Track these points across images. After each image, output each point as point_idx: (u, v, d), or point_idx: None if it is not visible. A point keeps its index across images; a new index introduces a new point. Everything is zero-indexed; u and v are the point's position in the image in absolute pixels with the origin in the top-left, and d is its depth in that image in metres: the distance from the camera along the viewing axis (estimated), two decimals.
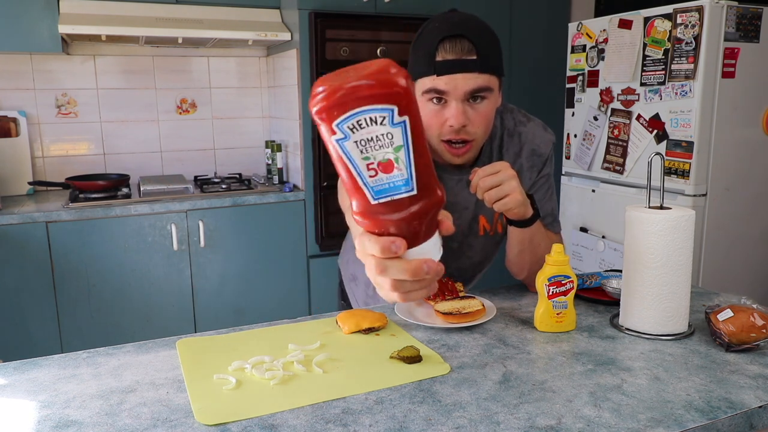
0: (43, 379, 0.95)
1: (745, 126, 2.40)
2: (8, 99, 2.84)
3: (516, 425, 0.80)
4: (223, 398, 0.88)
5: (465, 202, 1.28)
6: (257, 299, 2.83)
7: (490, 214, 1.32)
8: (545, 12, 3.38)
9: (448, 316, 1.13)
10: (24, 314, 2.43)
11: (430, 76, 1.10)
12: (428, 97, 1.12)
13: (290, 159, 3.00)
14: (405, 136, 0.55)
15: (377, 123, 0.54)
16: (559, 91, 3.08)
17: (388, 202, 0.58)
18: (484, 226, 1.33)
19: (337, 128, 0.55)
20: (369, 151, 0.56)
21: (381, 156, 0.56)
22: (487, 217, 1.32)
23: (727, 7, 2.24)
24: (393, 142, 0.55)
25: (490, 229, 1.33)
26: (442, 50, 1.09)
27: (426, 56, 1.10)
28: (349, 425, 0.80)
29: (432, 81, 1.10)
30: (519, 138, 1.31)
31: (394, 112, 0.54)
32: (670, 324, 1.08)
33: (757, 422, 0.84)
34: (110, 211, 2.51)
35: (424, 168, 0.58)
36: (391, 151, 0.56)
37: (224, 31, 2.73)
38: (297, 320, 1.20)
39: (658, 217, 1.04)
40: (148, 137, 3.12)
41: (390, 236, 0.60)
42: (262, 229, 2.79)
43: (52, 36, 2.54)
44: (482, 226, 1.33)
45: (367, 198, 0.58)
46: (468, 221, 1.31)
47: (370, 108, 0.54)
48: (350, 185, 0.58)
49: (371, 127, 0.55)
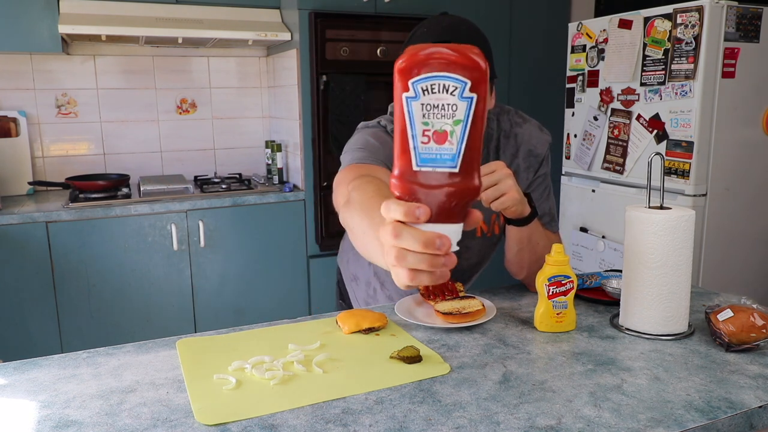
0: (43, 379, 0.95)
1: (745, 126, 2.40)
2: (8, 99, 2.84)
3: (516, 425, 0.80)
4: (223, 398, 0.88)
5: None
6: (257, 299, 2.83)
7: (488, 216, 1.33)
8: (545, 12, 3.38)
9: (448, 316, 1.13)
10: (24, 314, 2.43)
11: None
12: None
13: (290, 159, 3.00)
14: (468, 112, 0.58)
15: (447, 91, 0.57)
16: (559, 91, 3.08)
17: (428, 171, 0.59)
18: (481, 228, 1.34)
19: (411, 86, 0.58)
20: (430, 117, 0.58)
21: (439, 125, 0.58)
22: (484, 219, 1.33)
23: (727, 7, 2.24)
24: (455, 115, 0.58)
25: (487, 230, 1.35)
26: None
27: None
28: (349, 425, 0.80)
29: None
30: (515, 139, 1.32)
31: (466, 86, 0.57)
32: (670, 324, 1.08)
33: (757, 422, 0.84)
34: (110, 211, 2.51)
35: (472, 151, 0.59)
36: (450, 123, 0.58)
37: (224, 31, 2.73)
38: (297, 320, 1.20)
39: (658, 217, 1.04)
40: (148, 137, 3.12)
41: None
42: (262, 229, 2.79)
43: (52, 36, 2.54)
44: (479, 227, 1.33)
45: (411, 162, 0.59)
46: None
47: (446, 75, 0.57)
48: (399, 146, 0.60)
49: (441, 95, 0.57)
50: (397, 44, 2.86)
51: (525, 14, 3.32)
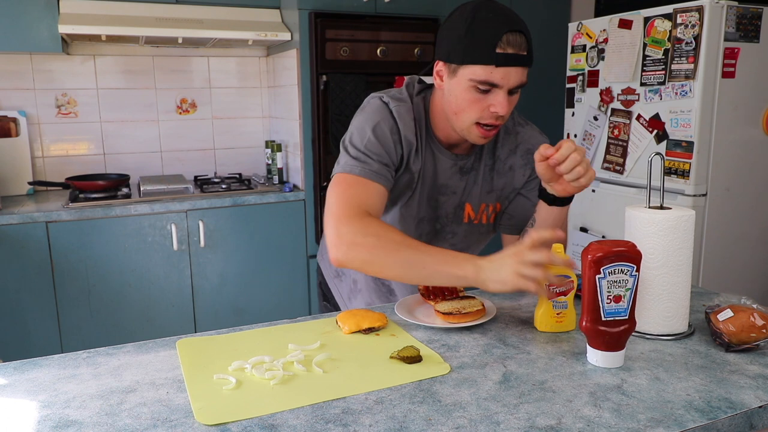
0: (43, 379, 0.95)
1: (745, 126, 2.40)
2: (8, 99, 2.84)
3: (516, 425, 0.80)
4: (223, 398, 0.88)
5: (454, 187, 1.34)
6: (257, 299, 2.83)
7: (477, 203, 1.36)
8: (545, 12, 3.38)
9: (448, 316, 1.13)
10: (24, 314, 2.43)
11: (485, 66, 1.12)
12: (474, 84, 1.14)
13: (290, 159, 3.00)
14: (634, 283, 0.95)
15: (623, 273, 0.95)
16: (559, 91, 3.08)
17: (610, 320, 0.96)
18: (468, 214, 1.37)
19: (603, 270, 0.94)
20: (611, 288, 0.95)
21: (616, 292, 0.95)
22: (473, 206, 1.36)
23: (727, 7, 2.24)
24: (626, 286, 0.95)
25: (474, 217, 1.37)
26: (505, 43, 1.11)
27: (486, 45, 1.12)
28: (349, 425, 0.80)
29: (488, 72, 1.12)
30: (516, 137, 1.36)
31: (633, 268, 0.95)
32: (670, 324, 1.08)
33: (757, 422, 0.84)
34: (110, 211, 2.51)
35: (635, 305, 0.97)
36: (623, 291, 0.95)
37: (224, 31, 2.74)
38: (297, 320, 1.20)
39: (658, 217, 1.04)
40: (148, 137, 3.12)
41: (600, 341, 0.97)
42: (262, 229, 2.79)
43: (52, 36, 2.54)
44: (467, 213, 1.37)
45: (600, 315, 0.96)
46: (454, 206, 1.36)
47: (624, 264, 0.95)
48: (590, 305, 0.96)
49: (619, 275, 0.94)
50: (397, 44, 2.86)
51: (525, 14, 3.29)
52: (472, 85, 1.15)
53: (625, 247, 0.95)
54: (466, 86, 1.15)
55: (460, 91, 1.17)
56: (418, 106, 1.29)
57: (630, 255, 0.94)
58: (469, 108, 1.17)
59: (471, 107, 1.17)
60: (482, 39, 1.12)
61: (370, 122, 1.24)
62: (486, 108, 1.16)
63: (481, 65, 1.13)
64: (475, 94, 1.16)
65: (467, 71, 1.14)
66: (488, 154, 1.35)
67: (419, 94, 1.30)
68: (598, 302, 0.95)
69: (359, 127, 1.24)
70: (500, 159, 1.35)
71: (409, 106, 1.27)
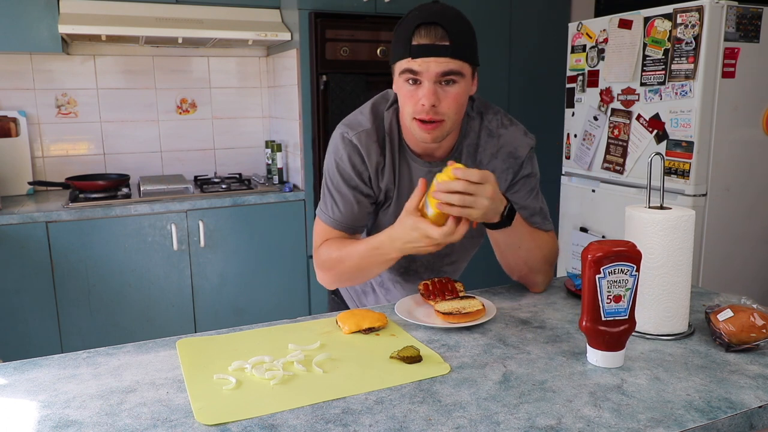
0: (43, 379, 0.95)
1: (745, 126, 2.40)
2: (8, 99, 2.84)
3: (516, 425, 0.80)
4: (223, 398, 0.88)
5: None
6: (257, 299, 2.83)
7: None
8: (545, 12, 3.37)
9: (448, 316, 1.13)
10: (24, 314, 2.43)
11: (406, 59, 1.18)
12: (405, 77, 1.20)
13: (290, 159, 3.00)
14: (634, 283, 0.96)
15: (623, 273, 0.95)
16: (559, 91, 3.07)
17: (610, 320, 0.97)
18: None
19: (603, 270, 0.95)
20: (611, 288, 0.95)
21: (616, 292, 0.96)
22: None
23: (727, 7, 2.24)
24: (626, 286, 0.96)
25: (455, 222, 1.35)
26: (417, 35, 1.16)
27: (404, 40, 1.18)
28: (349, 425, 0.80)
29: (407, 63, 1.18)
30: (498, 140, 1.33)
31: (633, 268, 0.96)
32: (670, 324, 1.08)
33: (757, 422, 0.84)
34: (110, 211, 2.51)
35: (635, 305, 0.98)
36: (623, 291, 0.96)
37: (224, 31, 2.74)
38: (297, 320, 1.21)
39: (658, 217, 1.04)
40: (148, 137, 3.12)
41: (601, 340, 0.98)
42: (262, 229, 2.79)
43: (52, 36, 2.54)
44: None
45: (600, 315, 0.96)
46: None
47: (624, 264, 0.95)
48: (590, 305, 0.97)
49: (619, 275, 0.95)
50: None
51: (525, 14, 3.32)
52: (404, 79, 1.20)
53: (625, 247, 0.96)
54: (400, 82, 1.21)
55: (398, 89, 1.23)
56: (390, 121, 1.31)
57: (630, 255, 0.95)
58: (405, 103, 1.22)
59: (406, 102, 1.21)
60: (401, 35, 1.19)
61: (333, 160, 1.32)
62: (417, 101, 1.19)
63: (403, 59, 1.19)
64: (408, 87, 1.20)
65: (396, 67, 1.21)
66: (469, 158, 1.32)
67: (390, 108, 1.33)
68: (598, 302, 0.96)
69: (327, 167, 1.34)
70: (482, 164, 1.32)
71: (370, 129, 1.29)
